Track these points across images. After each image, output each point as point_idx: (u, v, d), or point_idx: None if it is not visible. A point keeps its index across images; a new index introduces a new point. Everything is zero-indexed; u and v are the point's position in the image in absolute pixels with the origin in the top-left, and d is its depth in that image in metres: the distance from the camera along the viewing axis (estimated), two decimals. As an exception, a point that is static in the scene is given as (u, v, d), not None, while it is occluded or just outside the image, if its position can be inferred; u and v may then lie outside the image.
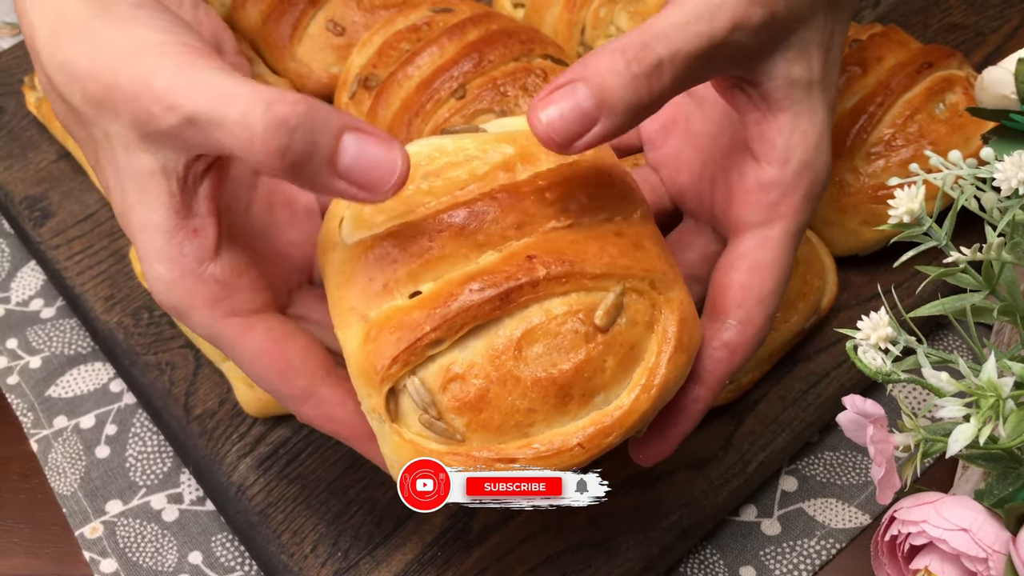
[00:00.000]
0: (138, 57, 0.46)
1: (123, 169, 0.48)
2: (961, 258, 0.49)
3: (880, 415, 0.47)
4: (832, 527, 0.68)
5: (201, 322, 0.50)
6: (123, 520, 0.72)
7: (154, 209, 0.48)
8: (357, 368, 0.49)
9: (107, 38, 0.48)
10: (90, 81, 0.47)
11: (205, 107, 0.44)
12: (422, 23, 0.84)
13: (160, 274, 0.49)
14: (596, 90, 0.44)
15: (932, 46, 0.79)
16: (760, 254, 0.52)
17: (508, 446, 0.48)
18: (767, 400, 0.70)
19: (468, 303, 0.47)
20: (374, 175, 0.45)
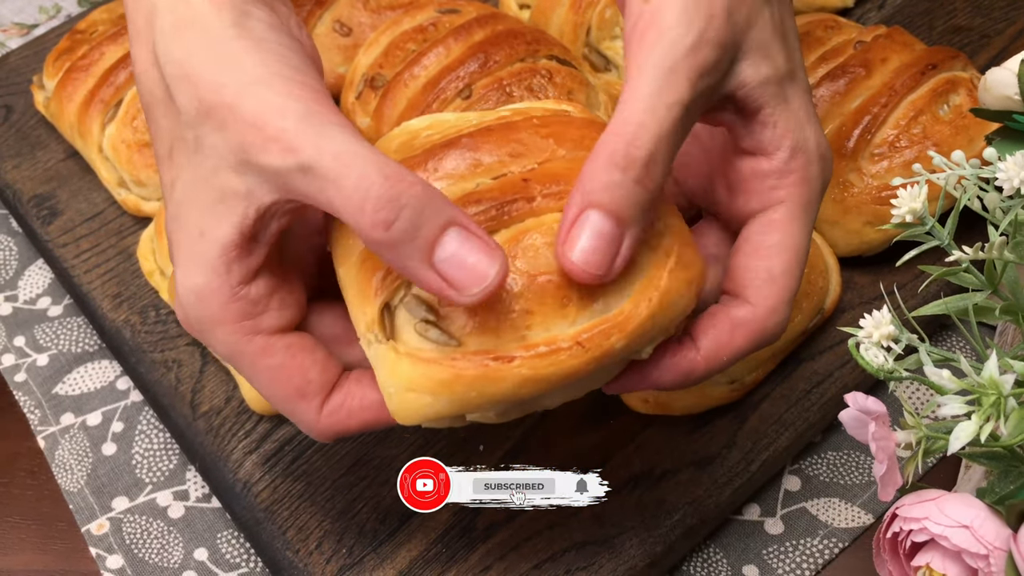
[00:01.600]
0: (267, 88, 0.47)
1: (202, 176, 0.49)
2: (964, 258, 0.49)
3: (882, 412, 0.47)
4: (835, 526, 0.68)
5: (225, 338, 0.51)
6: (129, 517, 0.72)
7: (221, 224, 0.49)
8: (355, 291, 0.50)
9: (237, 55, 0.48)
10: (208, 90, 0.48)
11: (324, 162, 0.45)
12: (428, 24, 0.84)
13: (197, 284, 0.50)
14: (608, 211, 0.46)
15: (936, 48, 0.79)
16: (763, 236, 0.52)
17: (505, 347, 0.48)
18: (771, 399, 0.70)
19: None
20: (466, 275, 0.45)
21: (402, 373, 0.49)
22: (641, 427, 0.69)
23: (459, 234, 0.45)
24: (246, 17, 0.49)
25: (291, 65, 0.49)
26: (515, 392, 0.48)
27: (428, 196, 0.45)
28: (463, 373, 0.48)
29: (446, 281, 0.45)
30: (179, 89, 0.49)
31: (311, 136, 0.45)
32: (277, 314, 0.51)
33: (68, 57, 0.89)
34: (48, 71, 0.90)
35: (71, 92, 0.86)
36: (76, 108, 0.85)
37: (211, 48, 0.48)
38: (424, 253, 0.45)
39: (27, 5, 1.12)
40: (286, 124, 0.46)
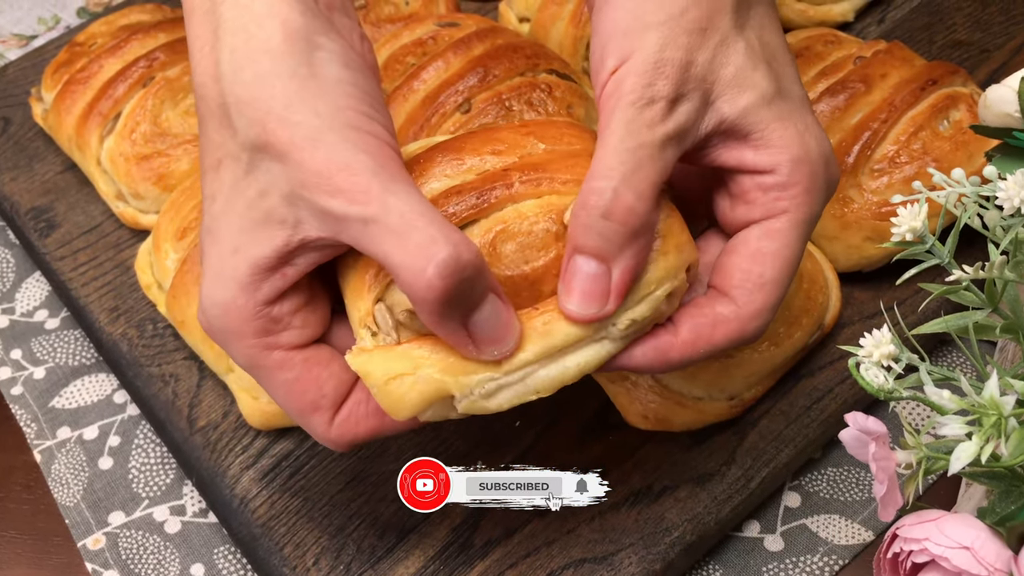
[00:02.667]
0: (339, 138, 0.48)
1: (248, 197, 0.50)
2: (964, 276, 0.49)
3: (882, 432, 0.47)
4: (835, 543, 0.68)
5: (244, 351, 0.52)
6: (126, 532, 0.72)
7: (260, 245, 0.50)
8: (351, 288, 0.52)
9: (310, 97, 0.49)
10: (275, 124, 0.48)
11: (391, 219, 0.47)
12: (428, 37, 0.84)
13: (224, 298, 0.51)
14: (591, 253, 0.49)
15: (936, 63, 0.79)
16: (763, 242, 0.53)
17: None
18: (770, 416, 0.70)
19: (447, 206, 0.51)
20: (491, 337, 0.49)
21: (381, 364, 0.50)
22: (640, 443, 0.69)
23: (494, 302, 0.49)
24: (317, 51, 0.50)
25: (362, 112, 0.50)
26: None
27: (482, 264, 0.48)
28: (438, 343, 0.50)
29: (472, 340, 0.48)
30: (242, 112, 0.50)
31: (378, 191, 0.47)
32: (298, 332, 0.53)
33: (67, 69, 0.89)
34: (47, 83, 0.90)
35: (69, 104, 0.86)
36: (74, 120, 0.85)
37: (284, 82, 0.49)
38: (465, 316, 0.48)
39: (26, 16, 1.12)
40: (356, 179, 0.47)
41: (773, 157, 0.52)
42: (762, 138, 0.52)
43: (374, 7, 0.91)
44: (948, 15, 0.94)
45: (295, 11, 0.50)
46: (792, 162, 0.52)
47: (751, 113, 0.52)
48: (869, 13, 0.95)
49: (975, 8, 0.94)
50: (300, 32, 0.50)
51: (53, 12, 1.12)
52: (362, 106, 0.50)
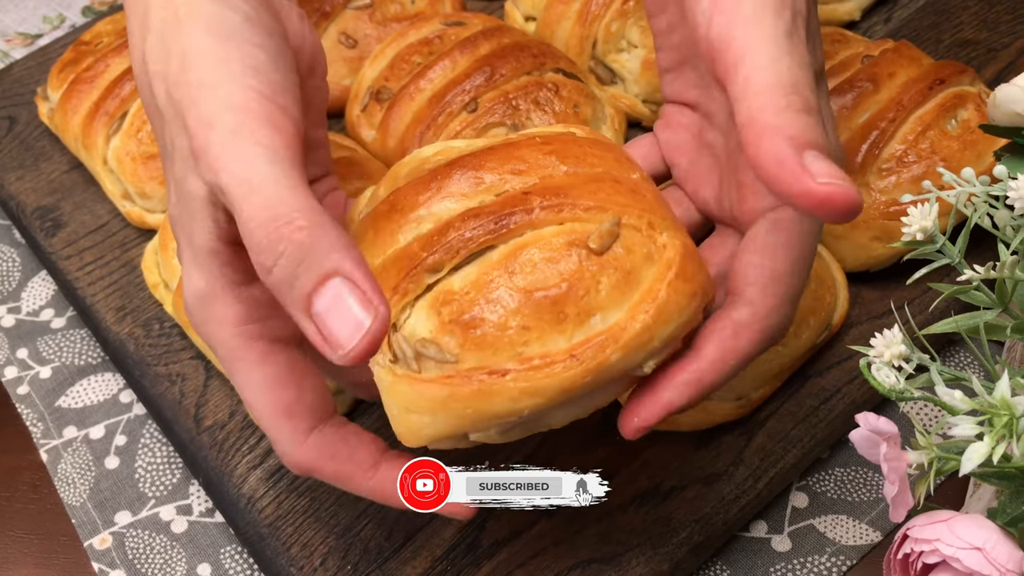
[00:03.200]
0: (212, 92, 0.47)
1: (180, 180, 0.49)
2: (974, 276, 0.49)
3: (893, 433, 0.47)
4: (843, 544, 0.68)
5: (225, 340, 0.50)
6: (132, 531, 0.72)
7: (201, 229, 0.48)
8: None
9: (199, 53, 0.48)
10: (174, 88, 0.48)
11: (232, 187, 0.45)
12: (434, 36, 0.84)
13: (198, 287, 0.50)
14: (821, 150, 0.43)
15: (944, 62, 0.78)
16: (771, 235, 0.51)
17: (501, 363, 0.47)
18: (778, 416, 0.70)
19: (464, 230, 0.49)
20: (340, 330, 0.43)
21: (401, 394, 0.49)
22: (647, 443, 0.69)
23: (338, 286, 0.43)
24: (223, 9, 0.49)
25: (250, 65, 0.48)
26: (511, 407, 0.47)
27: (310, 244, 0.43)
28: (458, 390, 0.47)
29: (321, 335, 0.44)
30: (156, 87, 0.49)
31: (231, 155, 0.45)
32: (283, 323, 0.50)
33: (73, 69, 0.89)
34: (52, 82, 0.90)
35: (76, 104, 0.86)
36: (80, 120, 0.85)
37: (180, 44, 0.48)
38: (301, 304, 0.44)
39: (31, 15, 1.12)
40: (211, 140, 0.46)
41: None
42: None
43: (380, 6, 0.90)
44: (955, 14, 0.93)
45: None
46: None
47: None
48: (875, 12, 0.95)
49: (982, 7, 0.94)
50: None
51: (58, 11, 1.12)
52: (251, 59, 0.48)
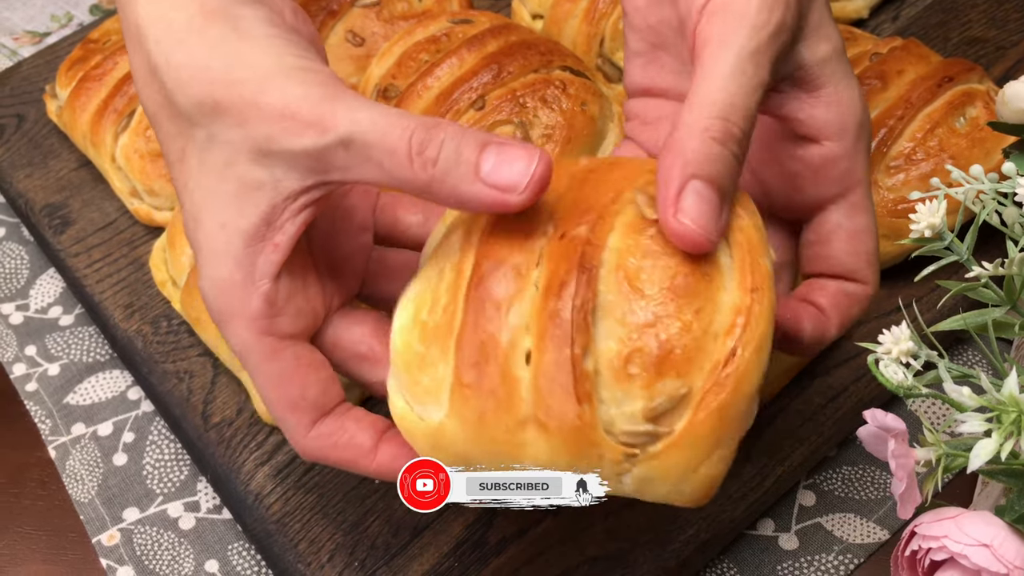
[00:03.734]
0: (286, 80, 0.48)
1: (217, 171, 0.49)
2: (983, 273, 0.49)
3: (901, 429, 0.47)
4: (850, 542, 0.68)
5: (238, 333, 0.51)
6: (140, 528, 0.72)
7: (246, 215, 0.49)
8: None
9: (245, 54, 0.49)
10: (221, 88, 0.48)
11: (363, 128, 0.46)
12: (441, 34, 0.84)
13: (221, 275, 0.50)
14: (710, 181, 0.46)
15: (952, 59, 0.78)
16: (855, 221, 0.54)
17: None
18: (785, 414, 0.70)
19: (565, 311, 0.45)
20: (513, 175, 0.46)
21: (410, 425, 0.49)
22: (655, 441, 0.69)
23: (496, 148, 0.46)
24: (241, 20, 0.50)
25: (299, 55, 0.50)
26: (759, 371, 0.47)
27: (462, 127, 0.47)
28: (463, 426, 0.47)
29: (496, 188, 0.46)
30: (186, 92, 0.49)
31: (343, 112, 0.47)
32: (291, 320, 0.52)
33: (81, 66, 0.89)
34: (61, 80, 0.90)
35: (84, 102, 0.86)
36: (89, 118, 0.85)
37: (217, 50, 0.49)
38: (471, 171, 0.46)
39: (39, 13, 1.12)
40: (317, 108, 0.47)
41: (842, 118, 0.52)
42: (835, 94, 0.52)
43: (387, 4, 0.91)
44: (963, 11, 0.93)
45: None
46: (856, 126, 0.52)
47: (828, 64, 0.52)
48: (884, 10, 0.95)
49: (990, 5, 0.93)
50: (218, 8, 0.50)
51: (66, 9, 1.12)
52: (298, 52, 0.50)
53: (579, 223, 0.47)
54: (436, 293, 0.49)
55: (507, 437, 0.46)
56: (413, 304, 0.50)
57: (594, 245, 0.46)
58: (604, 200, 0.48)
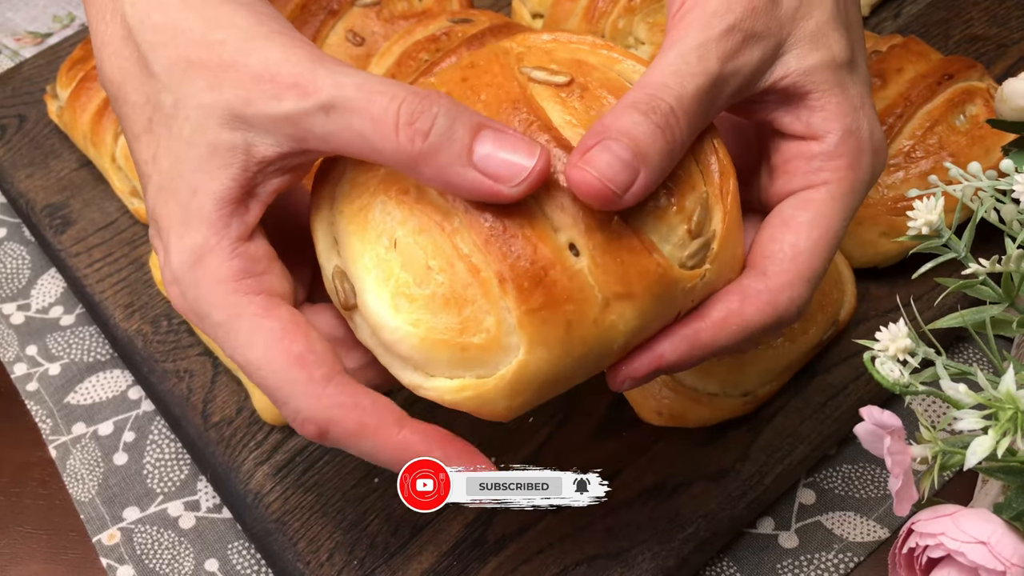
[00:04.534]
0: (268, 42, 0.47)
1: (187, 137, 0.47)
2: (980, 270, 0.49)
3: (897, 426, 0.46)
4: (850, 540, 0.67)
5: (222, 298, 0.48)
6: (140, 527, 0.72)
7: (216, 178, 0.47)
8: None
9: (227, 15, 0.48)
10: (199, 49, 0.47)
11: (347, 94, 0.45)
12: (441, 34, 0.84)
13: (196, 243, 0.48)
14: (628, 142, 0.45)
15: (953, 57, 0.78)
16: (796, 212, 0.50)
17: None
18: (785, 412, 0.70)
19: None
20: (508, 166, 0.44)
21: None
22: (654, 439, 0.69)
23: (493, 133, 0.45)
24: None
25: (281, 22, 0.49)
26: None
27: (456, 104, 0.45)
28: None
29: (489, 177, 0.44)
30: (160, 54, 0.48)
31: (326, 76, 0.45)
32: (280, 279, 0.49)
33: (82, 67, 0.89)
34: (62, 81, 0.90)
35: (85, 102, 0.86)
36: (89, 118, 0.86)
37: (196, 10, 0.48)
38: (464, 153, 0.44)
39: (41, 14, 1.12)
40: (298, 70, 0.46)
41: (825, 123, 0.50)
42: (819, 100, 0.50)
43: (387, 3, 0.90)
44: (965, 10, 0.93)
45: None
46: (842, 132, 0.50)
47: (816, 72, 0.50)
48: (885, 8, 0.95)
49: (992, 3, 0.93)
50: None
51: (68, 10, 1.12)
52: (280, 22, 0.49)
53: (511, 120, 0.48)
54: (412, 266, 0.47)
55: (595, 329, 0.46)
56: (390, 296, 0.48)
57: (553, 127, 0.47)
58: (511, 93, 0.49)
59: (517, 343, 0.46)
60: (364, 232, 0.48)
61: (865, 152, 0.51)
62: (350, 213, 0.49)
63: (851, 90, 0.51)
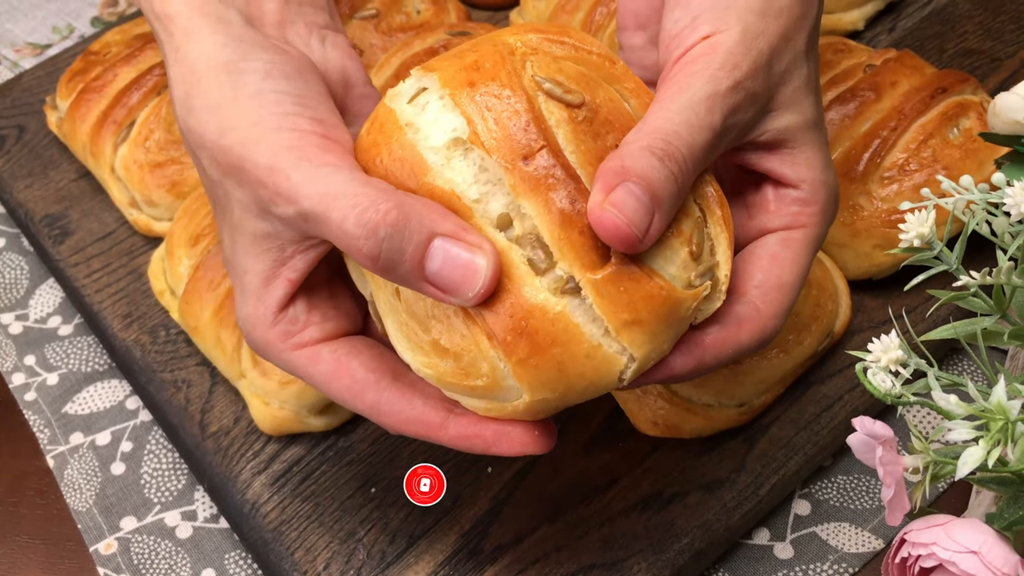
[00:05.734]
0: (261, 145, 0.51)
1: (238, 225, 0.54)
2: (972, 283, 0.49)
3: (889, 436, 0.47)
4: (845, 551, 0.68)
5: (277, 356, 0.55)
6: (137, 537, 0.72)
7: (259, 260, 0.54)
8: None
9: (233, 117, 0.52)
10: (218, 153, 0.52)
11: (316, 207, 0.48)
12: (439, 46, 0.84)
13: (248, 312, 0.55)
14: (647, 187, 0.47)
15: (946, 71, 0.79)
16: (782, 249, 0.55)
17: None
18: (780, 423, 0.70)
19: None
20: (458, 279, 0.47)
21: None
22: (650, 449, 0.69)
23: (443, 244, 0.47)
24: (242, 75, 0.53)
25: (281, 113, 0.52)
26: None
27: (404, 220, 0.47)
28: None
29: (442, 290, 0.48)
30: (200, 156, 0.54)
31: (303, 184, 0.49)
32: (319, 327, 0.55)
33: (81, 78, 0.89)
34: (61, 92, 0.91)
35: (84, 113, 0.87)
36: (89, 129, 0.86)
37: (212, 115, 0.53)
38: (416, 272, 0.48)
39: (40, 25, 1.12)
40: (279, 180, 0.50)
41: (801, 174, 0.55)
42: (796, 154, 0.55)
43: (385, 16, 0.91)
44: (959, 23, 0.94)
45: (217, 45, 0.54)
46: (816, 182, 0.55)
47: (793, 132, 0.55)
48: (879, 21, 0.95)
49: (986, 17, 0.94)
50: (222, 65, 0.53)
51: (67, 21, 1.13)
52: (282, 107, 0.52)
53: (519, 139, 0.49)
54: (415, 314, 0.51)
55: (590, 362, 0.48)
56: (403, 337, 0.52)
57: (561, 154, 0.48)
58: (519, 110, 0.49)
59: (518, 387, 0.48)
60: (375, 276, 0.52)
61: (832, 200, 0.56)
62: None
63: (821, 148, 0.56)
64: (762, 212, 0.56)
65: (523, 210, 0.48)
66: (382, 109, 0.52)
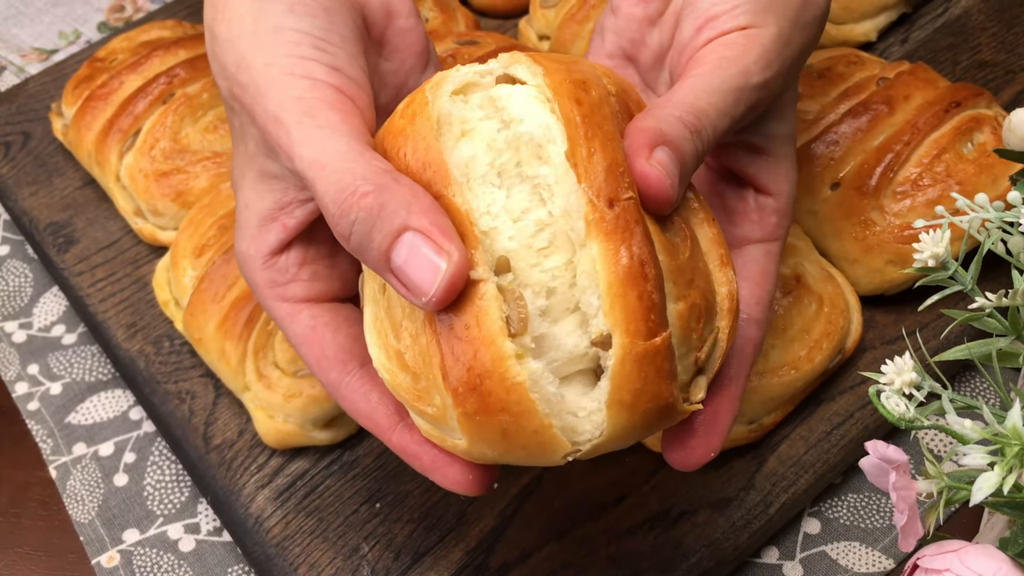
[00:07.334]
0: (272, 90, 0.51)
1: (251, 157, 0.54)
2: (987, 304, 0.48)
3: (903, 461, 0.46)
4: (855, 571, 0.67)
5: (263, 300, 0.56)
6: (140, 549, 0.72)
7: (261, 198, 0.54)
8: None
9: (249, 53, 0.52)
10: (236, 87, 0.53)
11: (306, 171, 0.48)
12: (448, 56, 0.84)
13: (241, 248, 0.56)
14: (680, 156, 0.48)
15: (960, 84, 0.78)
16: (766, 263, 0.57)
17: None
18: (790, 441, 0.69)
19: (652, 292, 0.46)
20: (417, 279, 0.45)
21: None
22: (658, 467, 0.69)
23: (411, 239, 0.45)
24: (268, 4, 0.53)
25: (297, 56, 0.51)
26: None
27: (379, 207, 0.45)
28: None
29: (405, 286, 0.45)
30: (220, 83, 0.55)
31: (299, 145, 0.49)
32: (305, 285, 0.55)
33: (87, 85, 0.89)
34: (67, 99, 0.90)
35: (89, 120, 0.86)
36: (94, 136, 0.85)
37: (232, 45, 0.53)
38: (382, 261, 0.46)
39: (47, 30, 1.12)
40: (281, 133, 0.50)
41: (780, 185, 0.57)
42: (776, 164, 0.57)
43: (394, 25, 0.90)
44: (973, 36, 0.93)
45: None
46: (790, 196, 0.58)
47: (775, 140, 0.57)
48: (892, 33, 0.94)
49: (1000, 29, 0.93)
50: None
51: (74, 27, 1.12)
52: (299, 49, 0.52)
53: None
54: (392, 316, 0.49)
55: (537, 438, 0.45)
56: (375, 332, 0.50)
57: (644, 214, 0.47)
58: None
59: (462, 433, 0.46)
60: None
61: (792, 211, 0.59)
62: None
63: (794, 160, 0.58)
64: (745, 221, 0.58)
65: (587, 250, 0.45)
66: (419, 95, 0.49)
